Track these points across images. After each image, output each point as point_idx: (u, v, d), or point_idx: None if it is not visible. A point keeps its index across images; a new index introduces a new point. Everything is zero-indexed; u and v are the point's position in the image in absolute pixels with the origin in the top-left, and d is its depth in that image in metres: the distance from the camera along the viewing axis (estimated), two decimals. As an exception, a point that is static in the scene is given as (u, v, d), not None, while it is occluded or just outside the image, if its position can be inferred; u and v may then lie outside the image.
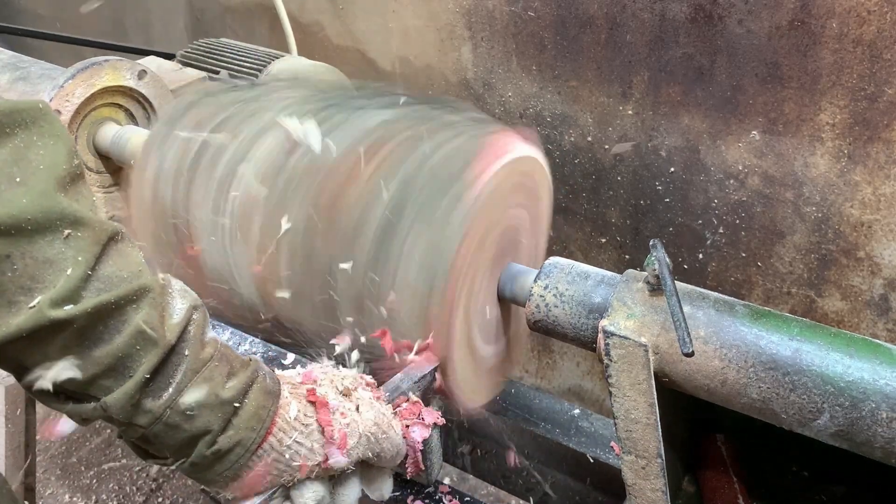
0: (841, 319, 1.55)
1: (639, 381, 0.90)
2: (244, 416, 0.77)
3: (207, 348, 0.77)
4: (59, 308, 0.67)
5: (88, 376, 0.70)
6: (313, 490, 0.83)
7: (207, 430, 0.75)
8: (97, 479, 2.24)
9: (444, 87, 1.87)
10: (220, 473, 0.78)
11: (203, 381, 0.75)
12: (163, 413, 0.73)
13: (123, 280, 0.71)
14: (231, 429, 0.76)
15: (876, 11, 1.26)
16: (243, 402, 0.78)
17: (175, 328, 0.74)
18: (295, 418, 0.81)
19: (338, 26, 1.99)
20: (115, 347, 0.70)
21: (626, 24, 1.52)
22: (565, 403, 1.28)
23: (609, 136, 1.67)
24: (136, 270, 0.73)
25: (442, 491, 1.10)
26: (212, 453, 0.76)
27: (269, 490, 0.82)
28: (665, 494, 0.95)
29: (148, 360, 0.72)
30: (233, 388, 0.77)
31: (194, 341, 0.76)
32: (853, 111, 1.35)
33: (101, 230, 0.72)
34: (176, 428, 0.74)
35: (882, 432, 0.81)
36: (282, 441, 0.80)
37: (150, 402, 0.73)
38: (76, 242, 0.69)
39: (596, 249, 1.83)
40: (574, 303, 1.00)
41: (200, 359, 0.76)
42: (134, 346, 0.71)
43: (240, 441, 0.77)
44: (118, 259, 0.73)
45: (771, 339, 0.87)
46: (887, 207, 1.39)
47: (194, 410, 0.74)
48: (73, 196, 0.71)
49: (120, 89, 1.46)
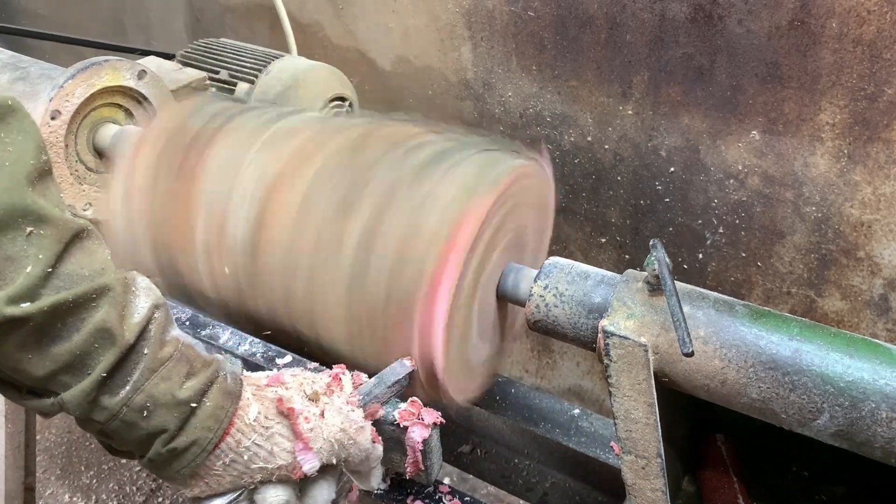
0: (841, 319, 1.55)
1: (639, 381, 0.90)
2: (201, 417, 0.78)
3: (167, 347, 0.77)
4: (15, 305, 0.67)
5: (47, 373, 0.71)
6: (276, 493, 0.83)
7: (164, 428, 0.76)
8: (97, 479, 2.24)
9: (444, 87, 1.87)
10: (178, 471, 0.78)
11: (160, 381, 0.76)
12: (119, 410, 0.74)
13: (84, 278, 0.72)
14: (187, 428, 0.77)
15: (876, 11, 1.26)
16: (201, 403, 0.78)
17: (135, 327, 0.75)
18: (255, 420, 0.81)
19: (338, 26, 1.99)
20: (74, 345, 0.71)
21: (626, 24, 1.52)
22: (565, 403, 1.28)
23: (609, 136, 1.67)
24: (98, 268, 0.74)
25: (442, 491, 1.10)
26: (167, 451, 0.77)
27: (233, 492, 0.82)
28: (665, 494, 0.95)
29: (106, 359, 0.72)
30: (190, 388, 0.77)
31: (154, 340, 0.76)
32: (853, 111, 1.36)
33: (66, 228, 0.72)
34: (132, 425, 0.75)
35: (882, 432, 0.81)
36: (240, 442, 0.80)
37: (108, 400, 0.73)
38: (38, 240, 0.69)
39: (596, 249, 1.83)
40: (574, 303, 1.00)
41: (158, 358, 0.76)
42: (92, 344, 0.72)
43: (196, 440, 0.77)
44: (81, 257, 0.73)
45: (771, 339, 0.87)
46: (887, 207, 1.39)
47: (150, 409, 0.75)
48: (40, 192, 0.72)
49: (120, 89, 1.46)
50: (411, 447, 0.92)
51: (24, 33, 1.95)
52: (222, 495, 0.82)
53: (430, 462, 0.98)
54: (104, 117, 1.47)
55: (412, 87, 1.93)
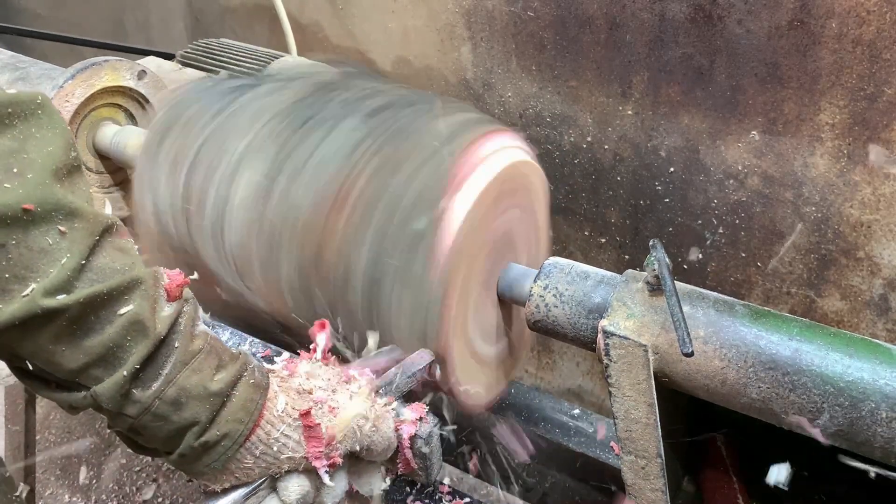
0: (840, 319, 1.55)
1: (639, 381, 0.90)
2: (232, 409, 0.78)
3: (197, 340, 0.78)
4: (51, 297, 0.68)
5: (80, 365, 0.71)
6: (299, 483, 0.84)
7: (195, 421, 0.76)
8: (97, 479, 2.24)
9: (444, 87, 1.87)
10: (209, 465, 0.79)
11: (192, 373, 0.76)
12: (151, 403, 0.74)
13: (116, 271, 0.72)
14: (219, 420, 0.77)
15: (875, 11, 1.26)
16: (231, 395, 0.79)
17: (166, 320, 0.75)
18: (283, 411, 0.82)
19: (337, 27, 1.99)
20: (107, 338, 0.71)
21: (626, 24, 1.52)
22: (565, 403, 1.28)
23: (609, 136, 1.67)
24: (129, 262, 0.74)
25: (442, 491, 1.10)
26: (199, 445, 0.77)
27: (256, 481, 0.82)
28: (665, 494, 0.96)
29: (138, 351, 0.73)
30: (221, 380, 0.78)
31: (184, 333, 0.77)
32: (853, 111, 1.36)
33: (97, 222, 0.73)
34: (164, 419, 0.75)
35: (882, 432, 0.81)
36: (269, 434, 0.81)
37: (140, 393, 0.74)
38: (71, 233, 0.70)
39: (596, 249, 1.83)
40: (574, 303, 1.00)
41: (190, 351, 0.76)
42: (125, 336, 0.72)
43: (227, 433, 0.78)
44: (112, 251, 0.74)
45: (771, 339, 0.87)
46: (887, 207, 1.40)
47: (183, 401, 0.75)
48: (70, 187, 0.72)
49: (119, 89, 1.46)
50: (400, 443, 0.93)
51: (24, 33, 1.95)
52: (245, 485, 0.82)
53: (430, 462, 0.98)
54: (104, 117, 1.47)
55: (412, 87, 1.93)
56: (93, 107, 1.44)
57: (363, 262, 0.98)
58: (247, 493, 0.82)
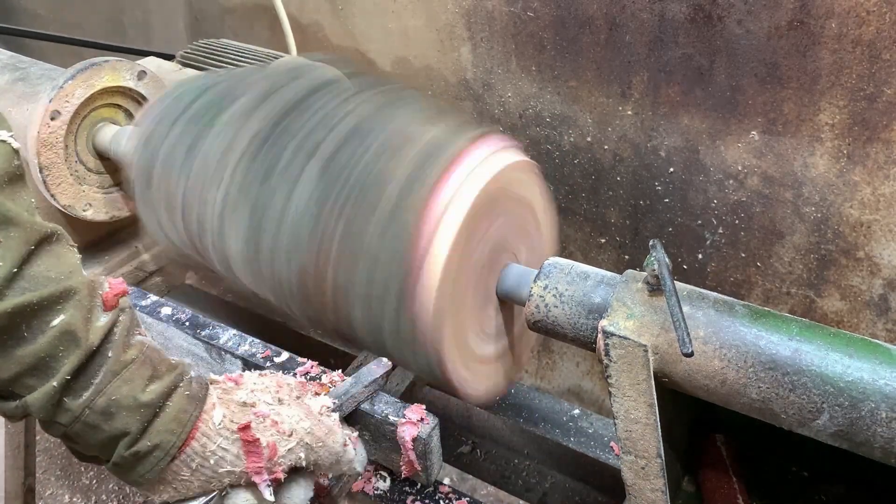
0: (840, 319, 1.55)
1: (639, 381, 0.90)
2: (164, 420, 0.78)
3: (131, 351, 0.78)
4: None
5: (11, 375, 0.71)
6: (245, 498, 0.83)
7: (126, 431, 0.76)
8: (97, 479, 2.24)
9: (444, 87, 1.87)
10: (142, 475, 0.79)
11: (123, 383, 0.76)
12: (82, 413, 0.74)
13: (51, 280, 0.72)
14: (150, 431, 0.77)
15: (875, 12, 1.26)
16: (164, 406, 0.78)
17: (99, 331, 0.75)
18: (220, 424, 0.81)
19: (337, 27, 1.99)
20: (38, 347, 0.71)
21: (626, 24, 1.52)
22: (565, 403, 1.28)
23: (609, 137, 1.67)
24: (66, 272, 0.74)
25: (442, 491, 1.10)
26: (131, 455, 0.77)
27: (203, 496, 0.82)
28: (665, 494, 0.96)
29: (70, 362, 0.73)
30: (153, 391, 0.78)
31: (118, 343, 0.76)
32: (852, 111, 1.36)
33: (33, 230, 0.72)
34: (95, 428, 0.75)
35: (882, 432, 0.81)
36: (205, 446, 0.80)
37: (71, 402, 0.74)
38: (6, 241, 0.70)
39: (595, 249, 1.83)
40: (574, 303, 1.00)
41: (121, 361, 0.76)
42: (57, 346, 0.72)
43: (159, 444, 0.78)
44: (49, 260, 0.73)
45: (770, 339, 0.87)
46: (886, 207, 1.40)
47: (113, 411, 0.75)
48: (9, 196, 0.72)
49: (119, 90, 1.46)
50: (403, 445, 0.92)
51: (24, 33, 1.95)
52: (192, 499, 0.82)
53: (430, 462, 0.99)
54: (104, 118, 1.47)
55: (412, 87, 1.93)
56: (93, 107, 1.44)
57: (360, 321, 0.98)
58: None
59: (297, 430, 0.85)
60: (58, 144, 1.39)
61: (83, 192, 1.47)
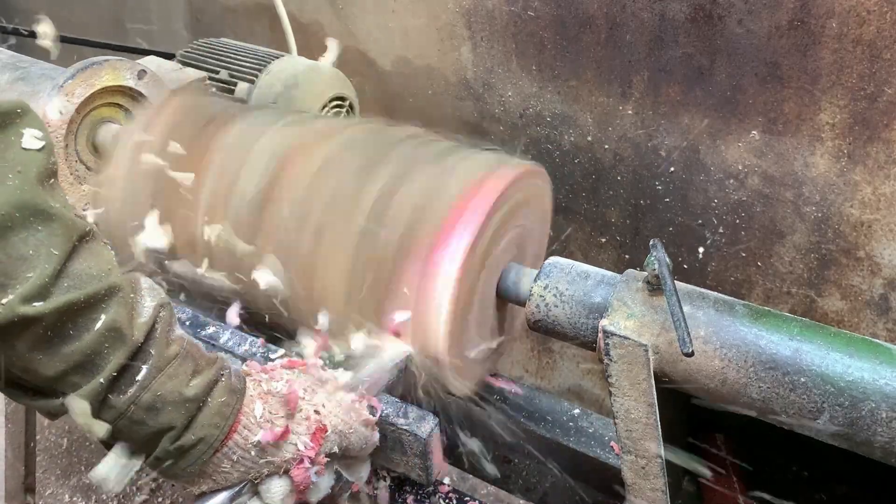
0: (841, 319, 1.55)
1: (639, 381, 0.90)
2: (207, 414, 0.79)
3: (173, 346, 0.78)
4: (28, 304, 0.67)
5: (57, 372, 0.71)
6: (280, 485, 0.84)
7: (171, 426, 0.77)
8: (97, 479, 2.24)
9: (444, 87, 1.87)
10: (185, 469, 0.79)
11: (167, 379, 0.76)
12: (127, 409, 0.74)
13: (93, 278, 0.72)
14: (194, 426, 0.78)
15: (875, 11, 1.26)
16: (206, 400, 0.79)
17: (143, 327, 0.76)
18: (261, 416, 0.82)
19: (338, 26, 1.99)
20: (84, 345, 0.71)
21: (626, 23, 1.52)
22: (565, 403, 1.28)
23: (609, 136, 1.67)
24: (106, 269, 0.74)
25: (442, 491, 1.10)
26: (175, 449, 0.77)
27: (238, 485, 0.83)
28: (665, 494, 0.95)
29: (116, 358, 0.73)
30: (196, 385, 0.78)
31: (160, 339, 0.77)
32: (853, 111, 1.35)
33: (74, 228, 0.73)
34: (140, 424, 0.75)
35: (882, 432, 0.81)
36: (247, 438, 0.81)
37: (116, 399, 0.74)
38: (49, 239, 0.70)
39: (596, 249, 1.83)
40: (574, 303, 1.00)
41: (165, 357, 0.77)
42: (103, 343, 0.72)
43: (203, 438, 0.78)
44: (89, 257, 0.74)
45: (771, 338, 0.87)
46: (887, 207, 1.39)
47: (158, 407, 0.75)
48: (49, 193, 0.72)
49: (120, 89, 1.46)
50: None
51: (24, 33, 1.95)
52: (228, 489, 0.83)
53: (430, 462, 0.99)
54: (104, 117, 1.47)
55: (412, 87, 1.93)
56: (93, 106, 1.44)
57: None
58: (230, 496, 0.83)
59: (332, 417, 0.86)
60: (58, 144, 1.39)
61: (83, 192, 1.47)
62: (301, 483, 0.84)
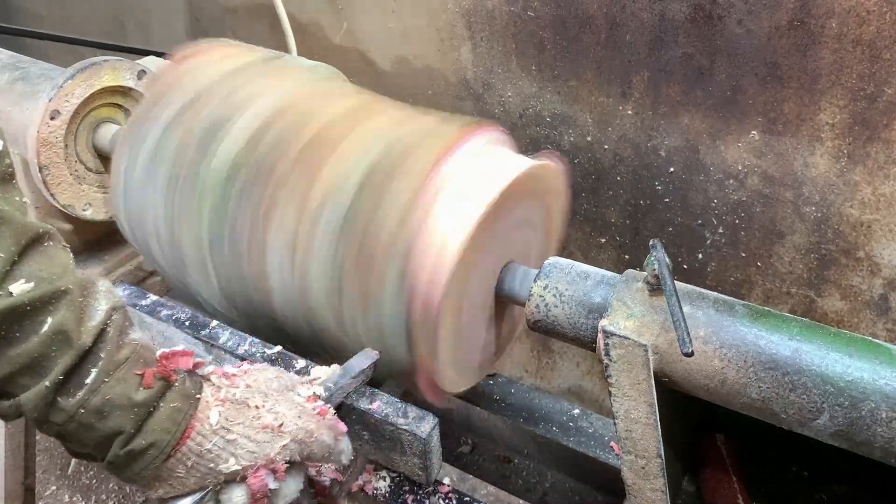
0: (841, 319, 1.55)
1: (639, 381, 0.90)
2: (158, 419, 0.78)
3: (124, 350, 0.78)
4: None
5: (4, 374, 0.71)
6: (241, 493, 0.83)
7: (120, 430, 0.76)
8: (97, 479, 2.24)
9: (444, 87, 1.87)
10: (138, 473, 0.79)
11: (116, 383, 0.76)
12: (76, 412, 0.74)
13: (42, 280, 0.72)
14: (145, 430, 0.77)
15: (875, 11, 1.26)
16: (158, 405, 0.78)
17: (92, 330, 0.75)
18: (216, 423, 0.81)
19: (337, 26, 1.99)
20: (31, 347, 0.71)
21: (626, 23, 1.52)
22: (565, 403, 1.28)
23: (609, 136, 1.67)
24: (58, 272, 0.74)
25: (442, 491, 1.10)
26: (125, 453, 0.77)
27: (199, 491, 0.82)
28: (665, 494, 0.95)
29: (63, 361, 0.73)
30: (146, 390, 0.78)
31: (111, 343, 0.76)
32: (853, 111, 1.36)
33: (24, 230, 0.72)
34: (90, 427, 0.75)
35: (882, 432, 0.81)
36: (201, 444, 0.80)
37: (64, 402, 0.74)
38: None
39: (596, 249, 1.83)
40: (574, 303, 1.00)
41: (115, 360, 0.76)
42: (49, 346, 0.72)
43: (154, 443, 0.78)
44: (40, 259, 0.73)
45: (770, 338, 0.87)
46: (887, 207, 1.39)
47: (106, 411, 0.75)
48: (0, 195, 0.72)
49: (119, 89, 1.46)
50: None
51: (24, 33, 1.95)
52: (188, 495, 0.82)
53: (430, 462, 0.98)
54: (104, 117, 1.47)
55: (412, 87, 1.93)
56: (92, 106, 1.44)
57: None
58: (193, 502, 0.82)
59: (290, 425, 0.85)
60: (57, 144, 1.39)
61: (83, 192, 1.47)
62: (257, 491, 0.83)
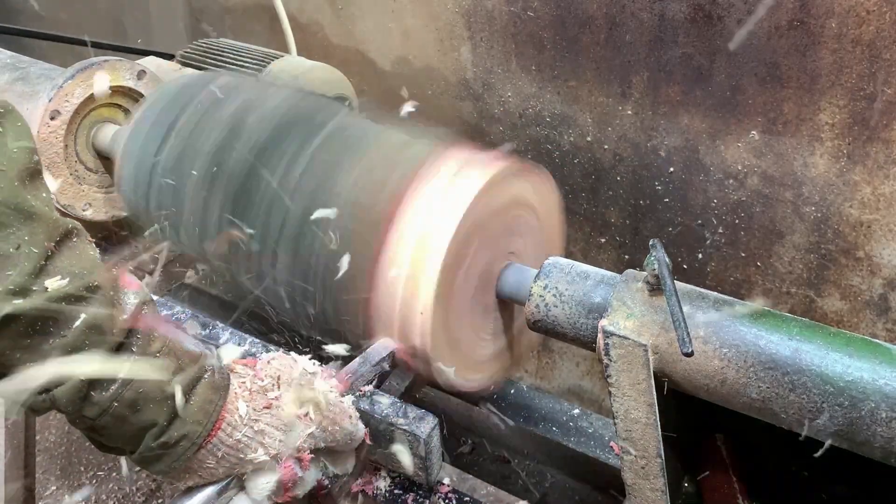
0: (840, 319, 1.55)
1: (639, 381, 0.90)
2: (190, 411, 0.79)
3: (155, 343, 0.79)
4: (8, 302, 0.68)
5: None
6: (266, 480, 0.85)
7: (153, 422, 0.77)
8: (97, 480, 2.24)
9: (444, 87, 1.87)
10: (169, 465, 0.80)
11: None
12: (110, 406, 0.75)
13: (75, 276, 0.73)
14: (177, 422, 0.78)
15: (875, 11, 1.26)
16: (190, 397, 0.79)
17: (124, 324, 0.76)
18: (245, 414, 0.83)
19: (337, 26, 1.99)
20: (65, 341, 0.72)
21: (626, 23, 1.52)
22: (565, 403, 1.28)
23: (608, 136, 1.67)
24: (88, 267, 0.75)
25: (442, 491, 1.10)
26: (158, 445, 0.78)
27: (224, 480, 0.83)
28: (665, 494, 0.95)
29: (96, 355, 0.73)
30: (178, 382, 0.78)
31: (143, 336, 0.77)
32: (852, 111, 1.36)
33: (55, 226, 0.73)
34: (123, 420, 0.76)
35: (881, 432, 0.81)
36: (231, 435, 0.82)
37: (98, 395, 0.74)
38: (30, 238, 0.71)
39: (595, 249, 1.83)
40: (574, 303, 1.00)
41: (147, 354, 0.77)
42: (83, 341, 0.72)
43: (186, 434, 0.79)
44: (71, 255, 0.74)
45: (770, 338, 0.87)
46: (886, 207, 1.39)
47: (140, 403, 0.76)
48: (32, 192, 0.73)
49: (119, 89, 1.46)
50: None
51: (24, 33, 1.95)
52: (212, 484, 0.83)
53: (430, 462, 0.99)
54: (104, 117, 1.47)
55: (412, 87, 1.93)
56: (92, 106, 1.44)
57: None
58: (218, 491, 0.83)
59: (315, 414, 0.87)
60: (57, 144, 1.39)
61: (83, 192, 1.47)
62: (288, 480, 0.85)
